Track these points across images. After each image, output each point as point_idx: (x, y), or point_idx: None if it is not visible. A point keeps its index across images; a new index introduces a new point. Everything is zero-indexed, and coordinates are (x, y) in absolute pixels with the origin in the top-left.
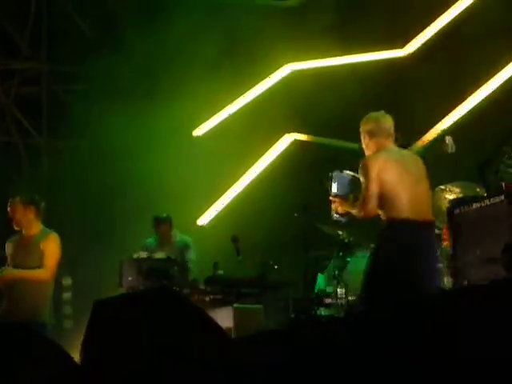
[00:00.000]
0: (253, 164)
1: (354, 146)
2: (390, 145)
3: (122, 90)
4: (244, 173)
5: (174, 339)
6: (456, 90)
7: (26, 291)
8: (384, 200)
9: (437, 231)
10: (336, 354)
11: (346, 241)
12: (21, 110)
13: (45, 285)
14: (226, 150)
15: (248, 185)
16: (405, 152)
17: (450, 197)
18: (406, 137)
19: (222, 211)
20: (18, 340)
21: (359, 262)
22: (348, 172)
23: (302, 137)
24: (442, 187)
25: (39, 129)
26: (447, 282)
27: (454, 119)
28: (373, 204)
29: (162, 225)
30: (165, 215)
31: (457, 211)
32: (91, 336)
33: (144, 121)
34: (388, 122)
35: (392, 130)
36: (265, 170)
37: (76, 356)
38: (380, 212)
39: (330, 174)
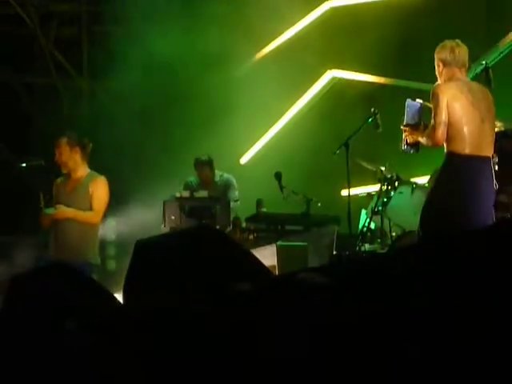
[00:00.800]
0: (294, 101)
1: (393, 82)
2: (463, 75)
3: (163, 28)
4: (285, 110)
5: (217, 278)
6: (499, 22)
7: (73, 231)
8: (449, 131)
9: None
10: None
11: (389, 176)
12: (61, 52)
13: (92, 226)
14: (267, 88)
15: (290, 122)
16: (476, 85)
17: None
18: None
19: (264, 149)
20: (63, 279)
21: (402, 198)
22: (419, 100)
23: (342, 74)
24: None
25: (79, 70)
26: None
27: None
28: (442, 132)
29: (202, 167)
30: (205, 157)
31: (499, 144)
32: (133, 276)
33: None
34: (463, 51)
35: (466, 59)
36: (306, 107)
37: (119, 296)
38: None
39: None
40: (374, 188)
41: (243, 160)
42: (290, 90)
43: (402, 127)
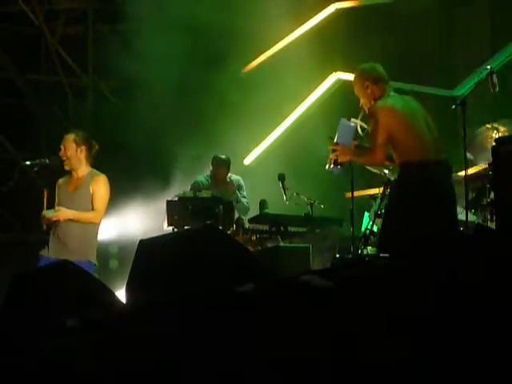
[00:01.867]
0: (299, 103)
1: (397, 86)
2: (390, 90)
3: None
4: (290, 112)
5: (219, 278)
6: (504, 26)
7: (73, 231)
8: (396, 146)
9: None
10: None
11: (392, 179)
12: (66, 50)
13: (92, 226)
14: (272, 89)
15: (294, 123)
16: (405, 96)
17: (496, 135)
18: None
19: (268, 150)
20: (64, 277)
21: None
22: (354, 120)
23: (347, 76)
24: (488, 126)
25: (85, 68)
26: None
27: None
28: (380, 153)
29: (220, 166)
30: (225, 157)
31: (502, 149)
32: (136, 275)
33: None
34: (381, 67)
35: (386, 75)
36: (310, 109)
37: (121, 295)
38: (394, 157)
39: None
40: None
41: (247, 161)
42: (294, 91)
43: (330, 147)
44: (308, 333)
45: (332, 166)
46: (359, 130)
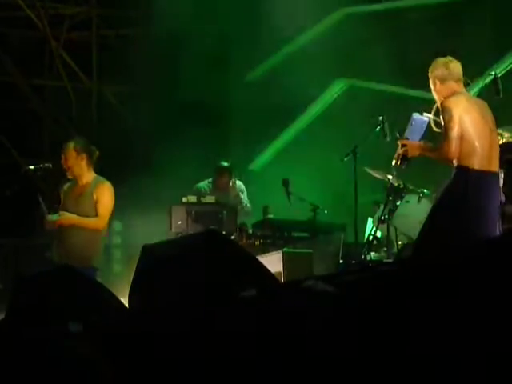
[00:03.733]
0: (304, 108)
1: (404, 92)
2: (461, 89)
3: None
4: (296, 117)
5: (222, 283)
6: (507, 33)
7: (77, 237)
8: (461, 145)
9: None
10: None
11: (396, 185)
12: (70, 55)
13: (96, 232)
14: (278, 94)
15: (299, 129)
16: (478, 99)
17: (500, 141)
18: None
19: (273, 155)
20: (68, 282)
21: (409, 207)
22: (427, 115)
23: (353, 82)
24: None
25: (89, 73)
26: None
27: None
28: (456, 146)
29: (223, 173)
30: (227, 164)
31: (507, 156)
32: (140, 280)
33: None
34: (457, 66)
35: (461, 73)
36: (316, 114)
37: (125, 300)
38: None
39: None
40: (381, 197)
41: (251, 166)
42: (300, 96)
43: (399, 141)
44: (312, 338)
45: (399, 162)
46: (432, 125)
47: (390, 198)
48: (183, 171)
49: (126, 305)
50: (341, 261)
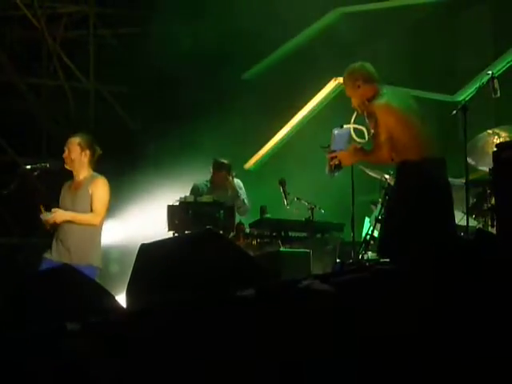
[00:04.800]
0: (300, 107)
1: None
2: (380, 88)
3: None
4: (291, 116)
5: (220, 282)
6: (506, 32)
7: (74, 234)
8: (395, 143)
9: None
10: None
11: (392, 184)
12: (67, 54)
13: (94, 229)
14: (274, 94)
15: (295, 128)
16: (400, 91)
17: (497, 140)
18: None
19: (269, 155)
20: (66, 281)
21: None
22: (347, 126)
23: None
24: (489, 131)
25: (86, 73)
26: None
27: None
28: (388, 149)
29: (221, 170)
30: (226, 161)
31: (503, 155)
32: (136, 279)
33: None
34: (371, 66)
35: (376, 73)
36: (312, 114)
37: (121, 299)
38: (393, 156)
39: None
40: (378, 196)
41: (247, 165)
42: (296, 95)
43: (328, 155)
44: (309, 337)
45: (333, 172)
46: (354, 135)
47: (387, 197)
48: (181, 170)
49: (123, 304)
50: (338, 260)
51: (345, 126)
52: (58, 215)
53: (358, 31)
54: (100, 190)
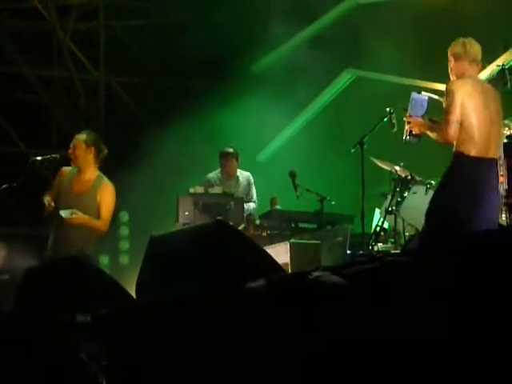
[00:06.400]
0: (312, 99)
1: (413, 83)
2: (475, 71)
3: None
4: (303, 107)
5: (229, 273)
6: None
7: (78, 234)
8: (459, 130)
9: None
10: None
11: (403, 176)
12: (78, 46)
13: (96, 233)
14: (285, 85)
15: (307, 119)
16: (488, 86)
17: (507, 132)
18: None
19: (280, 146)
20: (74, 272)
21: (416, 198)
22: (425, 93)
23: (362, 73)
24: None
25: (96, 64)
26: (503, 218)
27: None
28: (455, 130)
29: (228, 159)
30: (232, 149)
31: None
32: (147, 270)
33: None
34: (475, 47)
35: (478, 56)
36: (323, 105)
37: (132, 291)
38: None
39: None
40: (388, 188)
41: (259, 157)
42: (308, 86)
43: (405, 118)
44: (319, 328)
45: (408, 137)
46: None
47: (398, 189)
48: (191, 161)
49: (134, 296)
50: (348, 252)
51: (423, 93)
52: (77, 218)
53: (371, 21)
54: (109, 197)
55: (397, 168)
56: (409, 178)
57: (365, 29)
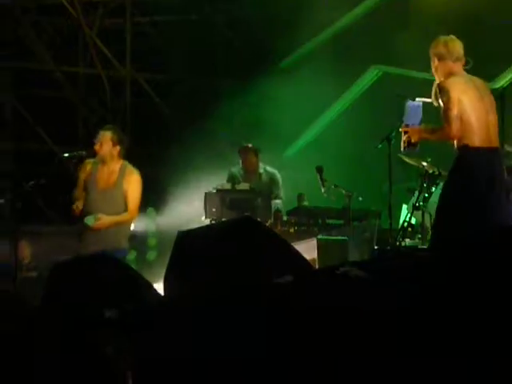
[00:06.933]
0: (339, 95)
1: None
2: (459, 69)
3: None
4: (330, 104)
5: (258, 269)
6: None
7: (108, 232)
8: (460, 124)
9: None
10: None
11: (430, 172)
12: (104, 42)
13: (127, 223)
14: (312, 81)
15: (334, 115)
16: (477, 79)
17: None
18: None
19: (307, 142)
20: (103, 269)
21: None
22: (419, 99)
23: (388, 68)
24: None
25: (122, 61)
26: None
27: None
28: (457, 126)
29: (247, 154)
30: (250, 145)
31: None
32: (174, 266)
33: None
34: (457, 45)
35: (461, 53)
36: (350, 101)
37: (160, 287)
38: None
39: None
40: (416, 183)
41: (286, 153)
42: (335, 83)
43: (401, 129)
44: (346, 324)
45: (407, 148)
46: (433, 101)
47: (425, 184)
48: (217, 159)
49: (161, 292)
50: (376, 247)
51: (417, 99)
52: (103, 223)
53: (395, 18)
54: (135, 188)
55: (424, 164)
56: (436, 173)
57: (391, 25)
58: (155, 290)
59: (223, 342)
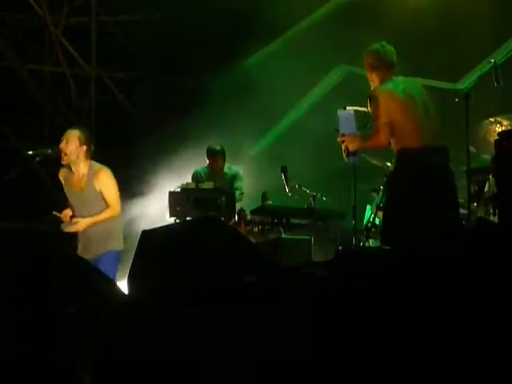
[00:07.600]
0: (305, 94)
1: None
2: (393, 74)
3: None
4: (295, 103)
5: (221, 268)
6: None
7: (97, 229)
8: (394, 130)
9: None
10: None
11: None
12: (69, 41)
13: (114, 219)
14: (277, 80)
15: (298, 115)
16: (409, 80)
17: (499, 129)
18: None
19: (271, 141)
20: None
21: None
22: (350, 108)
23: (354, 68)
24: (491, 119)
25: (88, 59)
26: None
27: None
28: (385, 133)
29: (215, 157)
30: (219, 147)
31: (505, 143)
32: (138, 265)
33: None
34: (388, 53)
35: (393, 59)
36: (315, 101)
37: (123, 285)
38: (392, 144)
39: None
40: (380, 184)
41: (251, 152)
42: (300, 82)
43: (339, 139)
44: (311, 324)
45: (347, 157)
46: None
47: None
48: (182, 157)
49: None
50: (339, 247)
51: (347, 108)
52: (80, 225)
53: (359, 18)
54: (107, 182)
55: (388, 164)
56: None
57: (359, 22)
58: (119, 288)
59: (185, 344)
